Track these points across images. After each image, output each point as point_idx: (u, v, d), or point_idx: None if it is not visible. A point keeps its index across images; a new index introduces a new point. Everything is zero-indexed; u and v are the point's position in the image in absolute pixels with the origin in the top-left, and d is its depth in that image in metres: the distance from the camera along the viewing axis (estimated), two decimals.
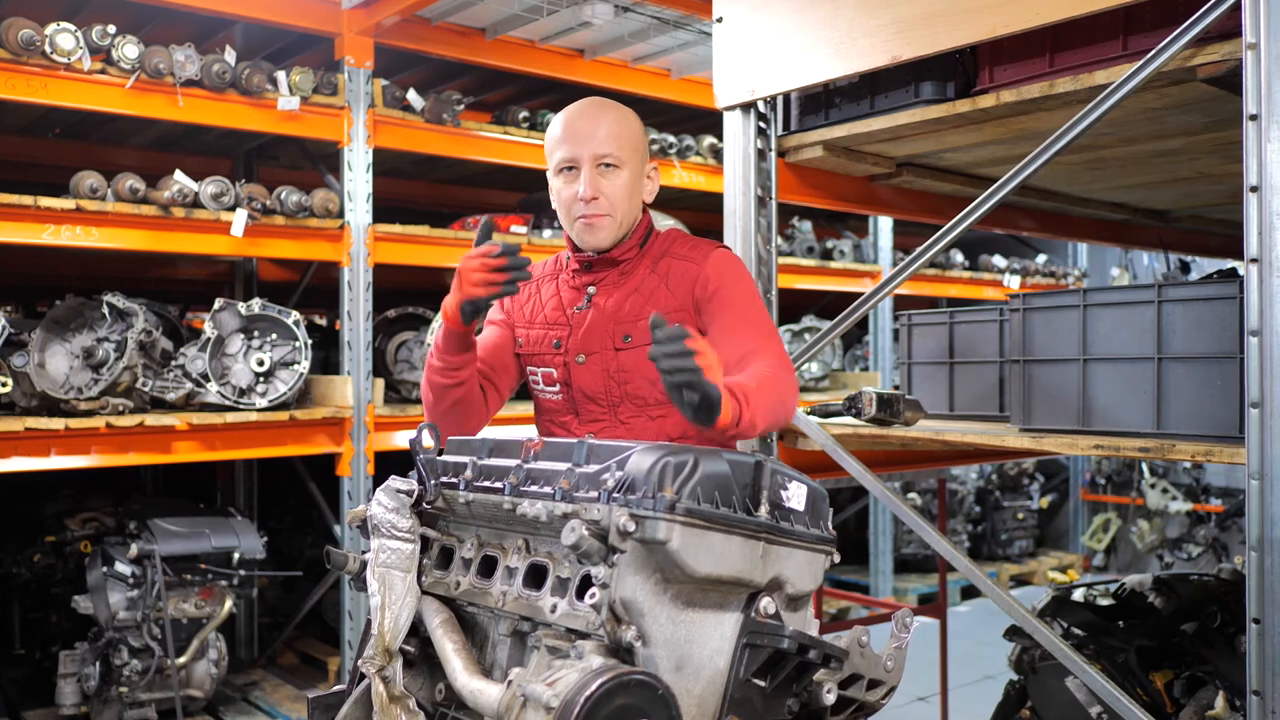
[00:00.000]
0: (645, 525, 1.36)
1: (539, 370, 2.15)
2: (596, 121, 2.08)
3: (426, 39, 4.83)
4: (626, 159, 2.08)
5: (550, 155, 2.12)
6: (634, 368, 2.06)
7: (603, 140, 2.05)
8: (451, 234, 4.98)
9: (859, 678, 1.60)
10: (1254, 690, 1.97)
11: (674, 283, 2.08)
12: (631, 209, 2.11)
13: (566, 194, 2.08)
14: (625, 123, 2.10)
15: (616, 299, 2.10)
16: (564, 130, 2.08)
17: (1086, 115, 2.29)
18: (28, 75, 3.87)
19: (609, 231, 2.07)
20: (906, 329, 3.49)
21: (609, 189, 2.06)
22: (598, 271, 2.13)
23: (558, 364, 2.11)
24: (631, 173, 2.09)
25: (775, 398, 1.86)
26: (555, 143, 2.10)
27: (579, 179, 2.05)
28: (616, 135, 2.07)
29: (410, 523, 1.67)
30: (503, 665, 1.57)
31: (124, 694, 4.19)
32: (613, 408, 2.08)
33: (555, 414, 2.14)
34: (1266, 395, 1.96)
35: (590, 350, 2.08)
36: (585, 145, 2.05)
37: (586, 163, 2.05)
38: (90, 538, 4.70)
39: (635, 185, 2.10)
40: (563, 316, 2.13)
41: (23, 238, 3.90)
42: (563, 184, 2.09)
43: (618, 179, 2.07)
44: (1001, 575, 7.68)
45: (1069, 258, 8.80)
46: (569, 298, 2.15)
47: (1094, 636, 3.01)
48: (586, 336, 2.08)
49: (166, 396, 4.24)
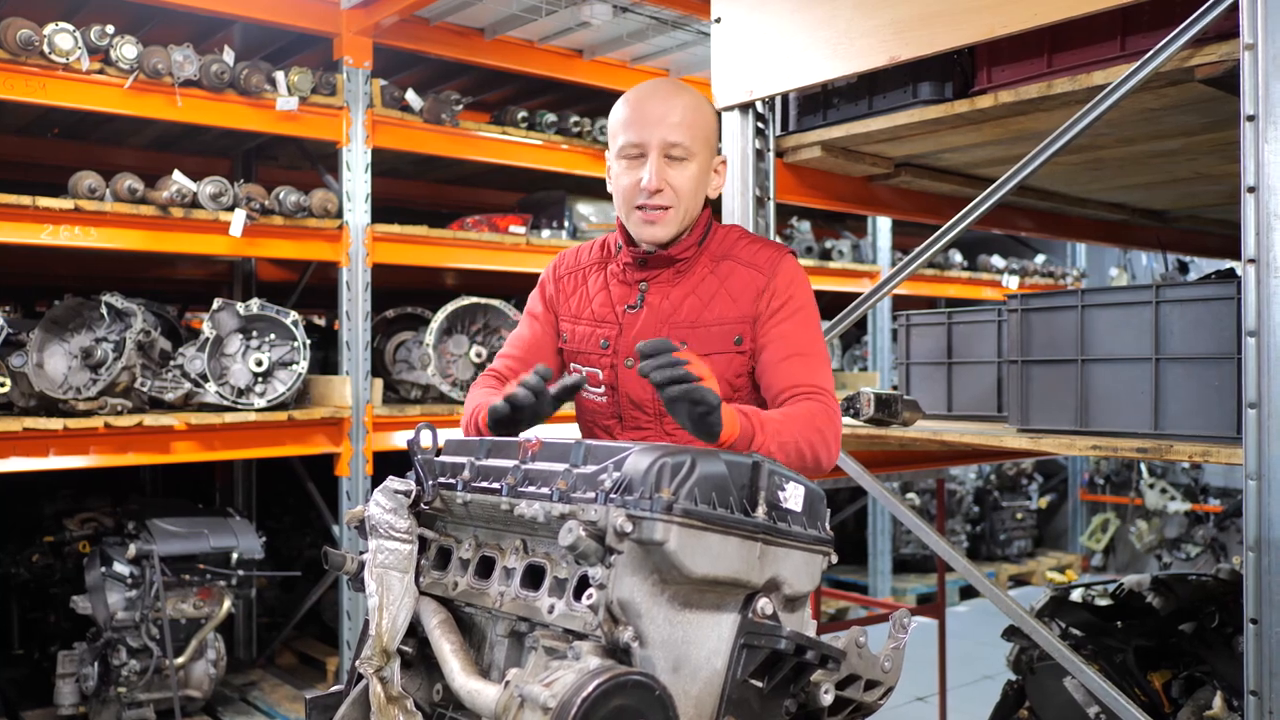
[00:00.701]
0: (642, 526, 1.36)
1: (584, 369, 2.03)
2: (669, 105, 1.93)
3: (425, 39, 4.83)
4: (698, 150, 1.94)
5: (614, 137, 1.97)
6: None
7: (674, 127, 1.91)
8: (450, 234, 4.98)
9: (857, 678, 1.60)
10: (1251, 690, 1.97)
11: (735, 289, 1.95)
12: (695, 204, 1.97)
13: (627, 181, 1.94)
14: (700, 110, 1.96)
15: (672, 300, 1.97)
16: (632, 111, 1.94)
17: (1085, 116, 2.29)
18: (26, 75, 3.87)
19: (670, 227, 1.94)
20: (905, 329, 3.50)
21: (676, 180, 1.92)
22: (652, 269, 2.00)
23: (604, 365, 2.00)
24: (700, 166, 1.95)
25: (802, 434, 1.77)
26: (621, 124, 1.95)
27: (643, 167, 1.91)
28: (690, 123, 1.92)
29: (408, 523, 1.67)
30: (500, 666, 1.57)
31: (122, 694, 4.19)
32: (659, 417, 1.96)
33: (598, 416, 2.04)
34: (1264, 396, 1.96)
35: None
36: (655, 130, 1.90)
37: (654, 150, 1.91)
38: (89, 538, 4.70)
39: (703, 179, 1.97)
40: (612, 314, 2.01)
41: (21, 238, 3.90)
42: (624, 169, 1.95)
43: (686, 171, 1.93)
44: (1000, 575, 7.68)
45: (1068, 258, 8.80)
46: (619, 293, 2.02)
47: (1092, 637, 3.01)
48: (637, 340, 1.92)
49: (165, 397, 4.24)
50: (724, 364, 1.94)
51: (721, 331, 1.95)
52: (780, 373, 1.91)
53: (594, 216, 5.73)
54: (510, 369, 2.11)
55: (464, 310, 4.97)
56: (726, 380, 1.94)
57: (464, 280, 6.23)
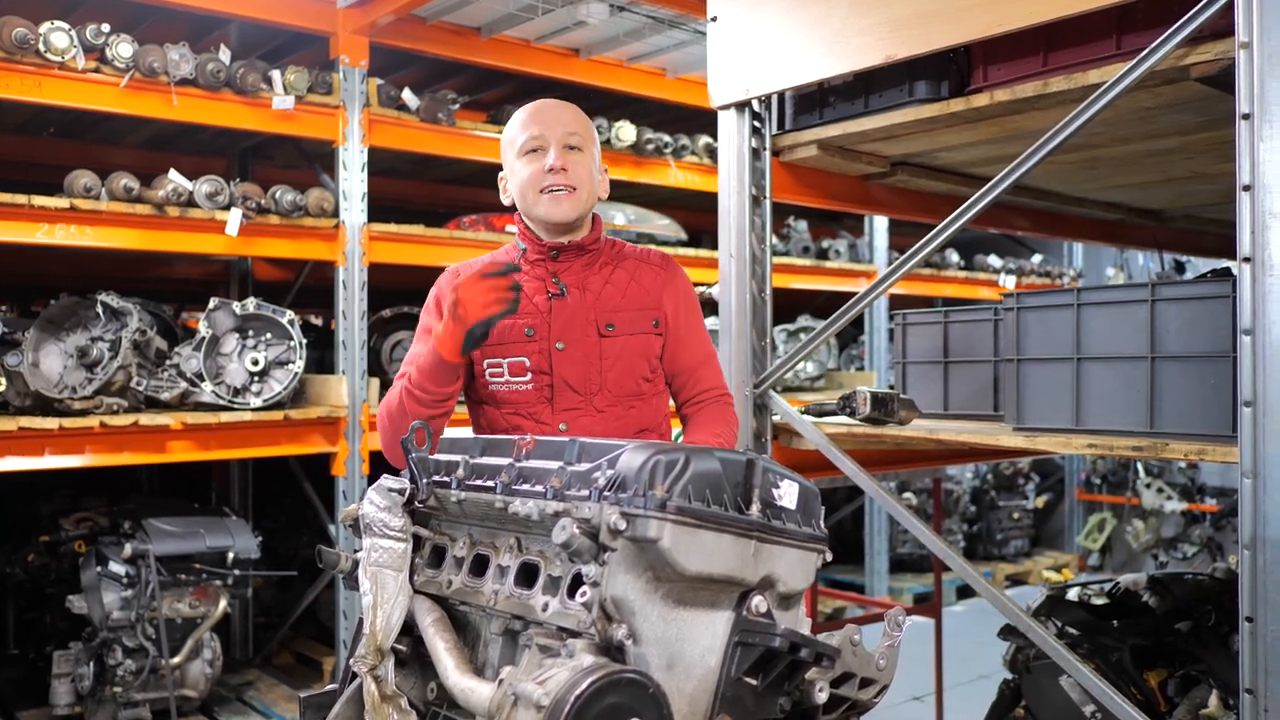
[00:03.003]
0: (636, 524, 1.36)
1: (505, 360, 2.12)
2: (561, 108, 2.19)
3: (422, 38, 4.83)
4: (589, 145, 2.18)
5: (512, 141, 2.17)
6: (616, 356, 2.12)
7: (570, 123, 2.15)
8: (447, 233, 4.98)
9: (851, 676, 1.60)
10: (1247, 689, 1.97)
11: (645, 281, 2.19)
12: (592, 193, 2.18)
13: (532, 169, 2.13)
14: (586, 118, 2.22)
15: (594, 287, 2.16)
16: (530, 115, 2.17)
17: (1080, 114, 2.29)
18: (22, 74, 3.86)
19: (575, 204, 2.13)
20: (901, 328, 3.50)
21: (577, 166, 2.13)
22: (564, 260, 2.17)
23: (532, 352, 2.11)
24: (594, 159, 2.18)
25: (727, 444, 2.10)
26: (520, 127, 2.16)
27: (546, 155, 2.12)
28: (582, 122, 2.19)
29: (402, 521, 1.67)
30: (494, 664, 1.56)
31: (118, 694, 4.18)
32: (590, 396, 2.10)
33: (523, 405, 2.13)
34: (1259, 394, 1.96)
35: (571, 338, 2.11)
36: (555, 127, 2.14)
37: (555, 141, 2.12)
38: (85, 537, 4.69)
39: (595, 172, 2.19)
40: (530, 305, 2.13)
41: (17, 237, 3.89)
42: (526, 163, 2.14)
43: (584, 160, 2.15)
44: (997, 575, 7.69)
45: (1064, 257, 8.80)
46: (531, 287, 2.15)
47: (1088, 636, 3.01)
48: (568, 324, 2.11)
49: (161, 396, 4.23)
50: (644, 344, 2.17)
51: (642, 315, 2.18)
52: (698, 377, 2.24)
53: None
54: None
55: None
56: (647, 359, 2.17)
57: None
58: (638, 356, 2.15)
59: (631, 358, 2.14)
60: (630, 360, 2.13)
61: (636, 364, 2.15)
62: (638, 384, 2.15)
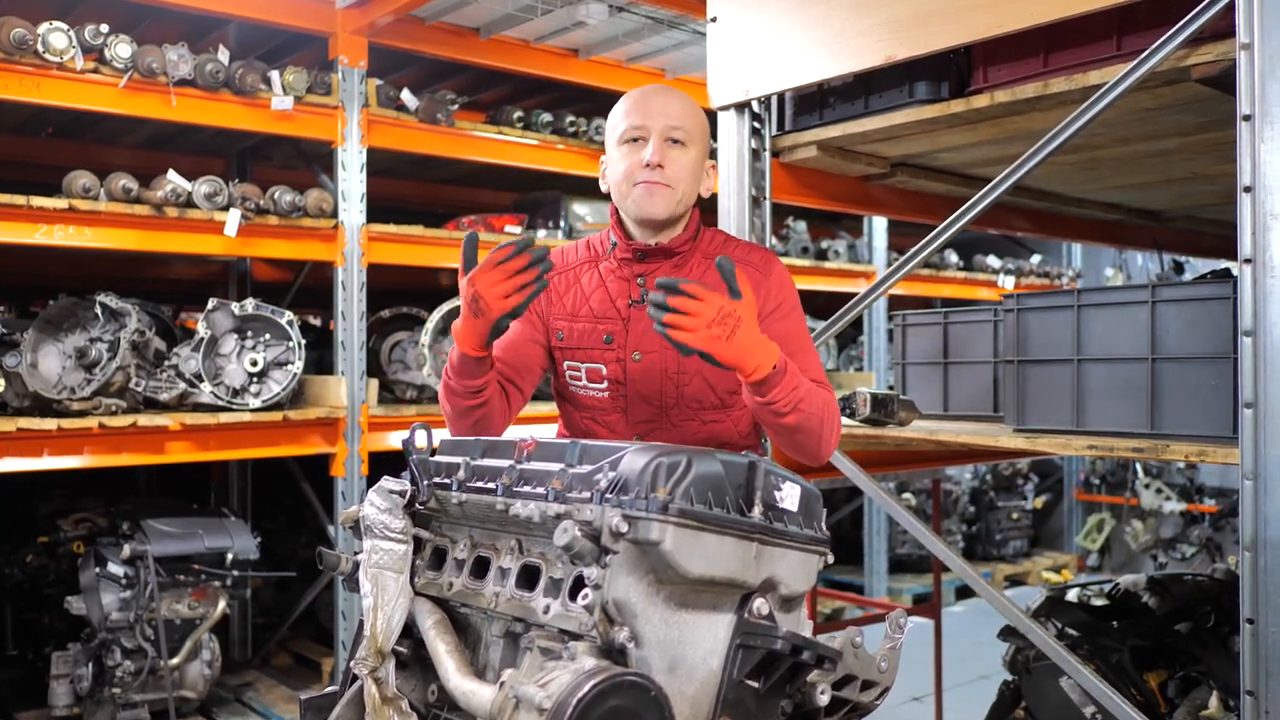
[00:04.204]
0: (638, 526, 1.35)
1: (583, 365, 2.03)
2: (669, 98, 2.03)
3: (420, 39, 4.82)
4: (696, 141, 2.02)
5: (614, 128, 2.03)
6: (695, 370, 1.97)
7: (675, 115, 1.99)
8: (446, 234, 4.98)
9: (853, 678, 1.60)
10: (1247, 690, 1.97)
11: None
12: (691, 192, 2.03)
13: (629, 161, 1.99)
14: (697, 110, 2.05)
15: None
16: (635, 102, 2.02)
17: (1081, 115, 2.29)
18: (20, 74, 3.85)
19: (669, 202, 1.99)
20: (901, 329, 3.50)
21: (676, 162, 1.99)
22: (651, 262, 2.03)
23: (609, 360, 2.01)
24: (697, 156, 2.03)
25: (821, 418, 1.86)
26: (623, 114, 2.02)
27: (645, 148, 1.98)
28: (690, 115, 2.02)
29: (403, 524, 1.67)
30: (495, 666, 1.56)
31: (117, 695, 4.17)
32: (665, 410, 1.99)
33: (599, 412, 2.04)
34: (1260, 395, 1.96)
35: (648, 349, 1.98)
36: (657, 117, 1.99)
37: (656, 133, 1.98)
38: (83, 538, 4.68)
39: (698, 171, 2.04)
40: (612, 309, 2.02)
41: (15, 237, 3.88)
42: (625, 154, 2.00)
43: (685, 156, 2.00)
44: (996, 575, 7.69)
45: (1064, 258, 8.81)
46: (616, 288, 2.04)
47: (1088, 637, 3.01)
48: (645, 334, 1.97)
49: (160, 397, 4.23)
50: None
51: None
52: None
53: (589, 216, 5.72)
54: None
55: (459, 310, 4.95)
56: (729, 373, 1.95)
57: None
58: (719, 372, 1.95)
59: (712, 373, 1.97)
60: (711, 375, 1.97)
61: (717, 379, 1.99)
62: (720, 398, 2.00)
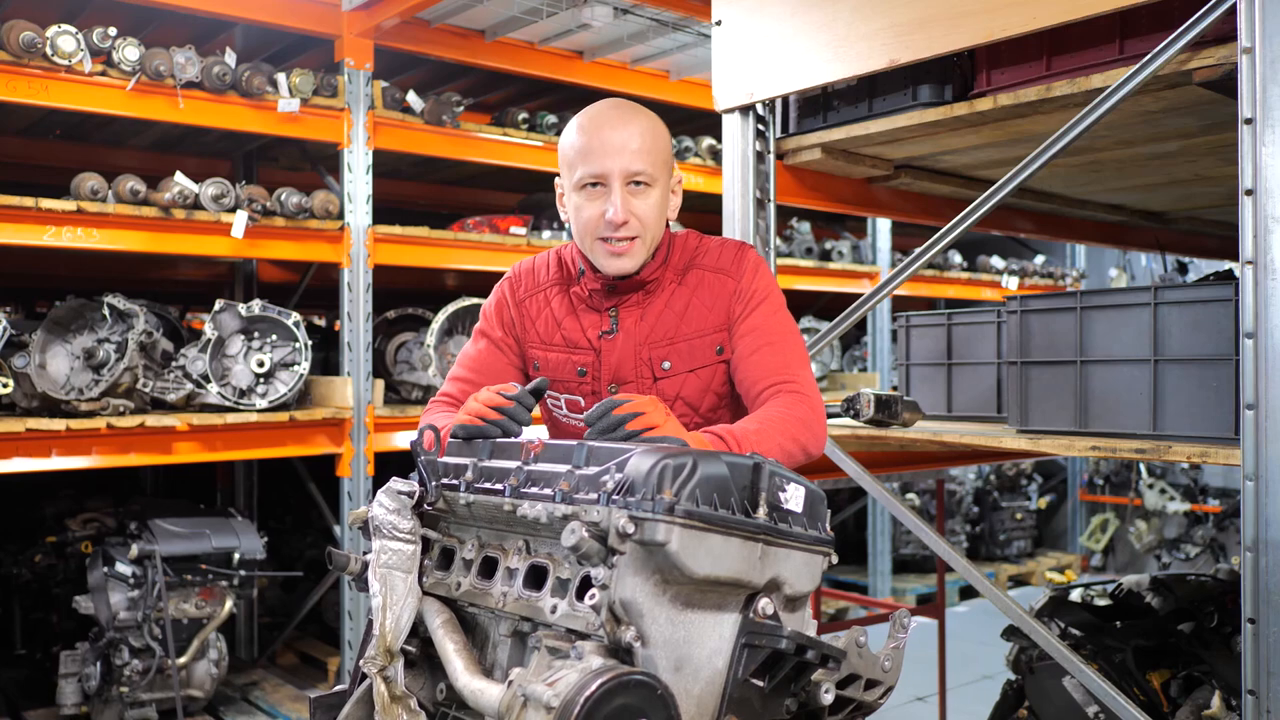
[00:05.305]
0: (644, 527, 1.37)
1: (562, 396, 1.99)
2: (628, 132, 1.85)
3: (426, 41, 4.84)
4: (659, 175, 1.88)
5: (571, 167, 1.89)
6: (674, 397, 1.92)
7: (635, 154, 1.84)
8: (451, 235, 4.99)
9: (857, 677, 1.61)
10: (1249, 690, 1.98)
11: (707, 297, 1.93)
12: (659, 229, 1.92)
13: (590, 213, 1.86)
14: (657, 132, 1.90)
15: (648, 320, 1.94)
16: (590, 140, 1.86)
17: (1083, 118, 2.30)
18: (29, 77, 3.88)
19: (638, 257, 1.89)
20: (905, 330, 3.51)
21: (641, 210, 1.86)
22: (622, 294, 1.95)
23: (584, 392, 1.96)
24: (662, 191, 1.90)
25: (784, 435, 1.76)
26: (579, 154, 1.86)
27: (606, 198, 1.85)
28: (650, 148, 1.86)
29: (411, 524, 1.68)
30: (503, 665, 1.58)
31: (124, 694, 4.20)
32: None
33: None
34: (1262, 397, 1.97)
35: (624, 380, 1.93)
36: (616, 160, 1.83)
37: (616, 179, 1.84)
38: (91, 538, 4.71)
39: (664, 204, 1.92)
40: (584, 339, 1.96)
41: (24, 239, 3.91)
42: (584, 200, 1.87)
43: (649, 199, 1.87)
44: (999, 576, 7.69)
45: (1067, 259, 8.81)
46: (588, 320, 1.97)
47: (1091, 636, 3.02)
48: (619, 366, 1.93)
49: (167, 397, 4.25)
50: (709, 376, 1.94)
51: (702, 344, 1.94)
52: (753, 367, 1.89)
53: None
54: (465, 393, 1.99)
55: (465, 311, 4.98)
56: (713, 391, 1.95)
57: (465, 281, 6.24)
58: (700, 392, 1.94)
59: (693, 395, 1.93)
60: (692, 397, 1.93)
61: (700, 399, 1.94)
62: (704, 417, 1.95)
